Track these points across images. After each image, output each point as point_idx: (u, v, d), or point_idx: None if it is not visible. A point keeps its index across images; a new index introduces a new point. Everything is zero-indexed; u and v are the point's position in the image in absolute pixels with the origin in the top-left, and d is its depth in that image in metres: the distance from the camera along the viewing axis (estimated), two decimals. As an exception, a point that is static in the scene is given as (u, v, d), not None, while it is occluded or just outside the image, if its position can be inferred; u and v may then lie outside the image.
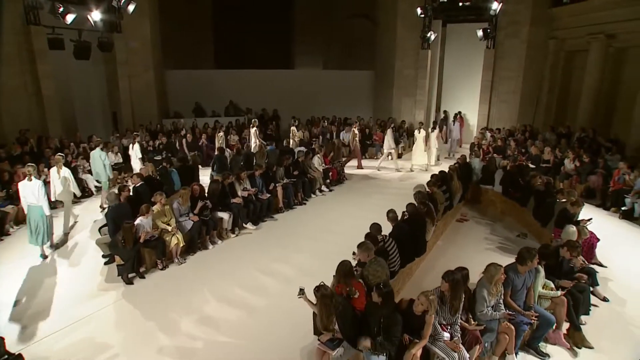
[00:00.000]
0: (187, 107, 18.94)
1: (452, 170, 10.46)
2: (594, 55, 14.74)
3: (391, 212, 7.07)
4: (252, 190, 9.96)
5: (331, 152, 13.75)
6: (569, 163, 12.27)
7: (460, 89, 19.57)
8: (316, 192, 12.12)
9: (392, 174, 14.65)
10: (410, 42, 18.67)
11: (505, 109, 17.88)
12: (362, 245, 5.62)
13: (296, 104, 20.35)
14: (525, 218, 9.76)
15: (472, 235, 9.40)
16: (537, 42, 16.83)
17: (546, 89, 17.14)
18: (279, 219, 10.22)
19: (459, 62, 19.38)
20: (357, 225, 6.99)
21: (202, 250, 8.38)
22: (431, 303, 4.48)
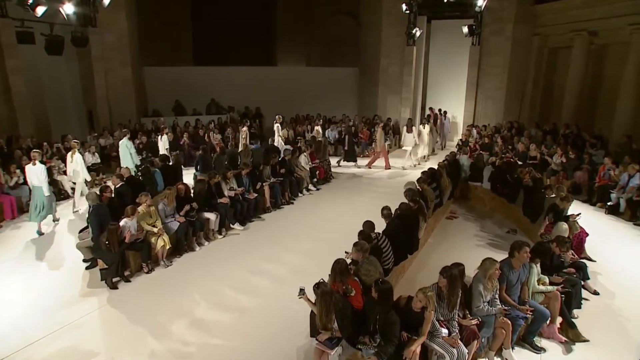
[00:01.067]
0: (166, 105, 18.75)
1: (441, 167, 10.58)
2: (577, 52, 15.12)
3: (385, 209, 7.12)
4: (239, 190, 9.93)
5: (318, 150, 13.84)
6: (558, 158, 12.49)
7: (445, 85, 19.76)
8: (303, 191, 12.15)
9: (380, 172, 14.72)
10: (396, 38, 18.79)
11: (491, 105, 18.14)
12: (357, 244, 5.67)
13: (279, 101, 20.29)
14: (514, 214, 9.90)
15: (462, 232, 9.52)
16: (522, 39, 17.14)
17: (531, 85, 17.46)
18: (266, 219, 10.21)
19: (444, 58, 19.55)
20: (347, 223, 7.04)
21: (189, 252, 8.31)
22: (430, 299, 4.55)
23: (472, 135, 15.74)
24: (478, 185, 11.41)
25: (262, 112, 19.91)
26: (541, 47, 17.02)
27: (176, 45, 21.24)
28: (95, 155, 12.97)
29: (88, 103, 16.93)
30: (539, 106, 17.52)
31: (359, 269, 5.53)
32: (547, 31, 16.63)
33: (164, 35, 20.31)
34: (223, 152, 12.68)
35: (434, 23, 19.69)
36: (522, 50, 17.28)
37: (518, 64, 17.43)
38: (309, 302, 5.14)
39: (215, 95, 19.77)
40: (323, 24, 24.70)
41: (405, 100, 19.16)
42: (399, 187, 9.13)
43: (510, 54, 17.28)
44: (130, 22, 17.21)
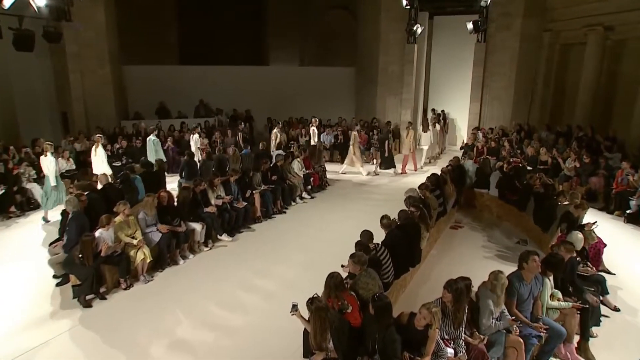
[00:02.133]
0: (149, 108, 18.66)
1: (445, 173, 10.55)
2: (591, 48, 15.15)
3: (385, 219, 7.05)
4: (227, 198, 9.84)
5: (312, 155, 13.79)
6: (571, 163, 12.48)
7: (449, 86, 19.75)
8: (296, 200, 12.11)
9: (379, 179, 14.74)
10: (395, 35, 18.75)
11: (498, 106, 18.14)
12: (353, 256, 5.61)
13: (271, 103, 20.27)
14: (525, 223, 9.88)
15: (468, 243, 9.49)
16: (531, 35, 17.16)
17: (541, 84, 17.49)
18: (256, 229, 10.15)
19: (447, 57, 19.56)
20: (343, 233, 6.99)
21: (172, 266, 8.19)
22: (434, 316, 4.46)
23: (477, 138, 15.70)
24: (485, 192, 11.41)
25: (252, 114, 19.79)
26: (552, 43, 17.06)
27: (160, 43, 21.27)
28: (70, 161, 12.80)
29: (62, 104, 16.79)
30: (550, 107, 17.55)
31: (357, 283, 5.45)
32: (559, 26, 16.66)
33: (147, 32, 20.30)
34: (210, 158, 12.59)
35: (437, 19, 19.72)
36: (531, 47, 17.30)
37: (527, 62, 17.44)
38: (302, 319, 5.05)
39: (202, 96, 19.70)
40: (317, 20, 24.79)
41: (405, 102, 19.13)
42: (398, 195, 9.08)
43: (519, 51, 17.28)
44: (109, 16, 17.09)
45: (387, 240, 6.74)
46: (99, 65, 16.78)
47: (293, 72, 22.36)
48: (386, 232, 6.95)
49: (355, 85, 21.73)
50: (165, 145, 14.86)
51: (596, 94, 15.34)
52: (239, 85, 20.26)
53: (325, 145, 16.79)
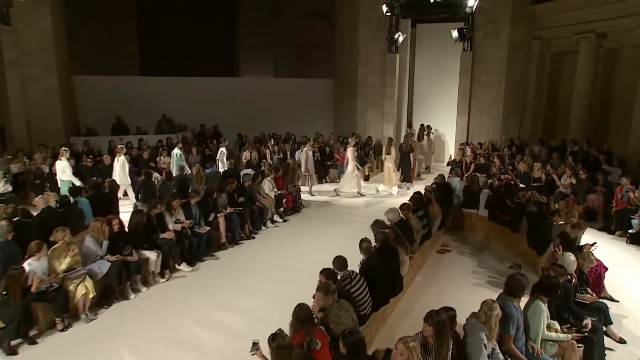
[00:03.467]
0: (104, 123, 18.35)
1: (430, 192, 10.42)
2: (584, 57, 15.38)
3: (365, 242, 6.86)
4: (187, 222, 9.56)
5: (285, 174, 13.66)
6: (566, 179, 12.49)
7: (434, 98, 19.93)
8: (267, 223, 11.92)
9: (358, 199, 14.69)
10: (375, 44, 18.89)
11: (487, 119, 18.30)
12: (320, 288, 5.42)
13: (242, 118, 20.22)
14: (518, 245, 9.80)
15: (456, 268, 9.36)
16: (520, 43, 17.42)
17: (532, 95, 17.72)
18: (221, 257, 9.89)
19: (432, 67, 19.75)
20: (319, 260, 6.76)
21: (121, 301, 7.80)
22: (412, 351, 4.22)
23: (465, 154, 15.73)
24: (474, 212, 11.35)
25: (220, 130, 19.63)
26: (542, 52, 17.31)
27: (119, 52, 21.06)
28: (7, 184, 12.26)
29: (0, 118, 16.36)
30: (542, 120, 17.76)
31: (327, 316, 5.22)
32: (549, 34, 16.92)
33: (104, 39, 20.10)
34: (170, 178, 12.35)
35: (420, 27, 19.94)
36: (520, 56, 17.53)
37: (516, 71, 17.66)
38: (264, 359, 4.76)
39: (164, 111, 19.49)
40: (292, 29, 24.99)
41: (388, 116, 19.19)
42: (378, 216, 8.88)
43: (507, 60, 17.51)
44: (56, 21, 16.81)
45: (364, 267, 6.56)
46: (44, 74, 16.40)
47: (266, 84, 22.35)
48: (366, 257, 6.76)
49: (334, 98, 21.76)
50: None
51: (591, 105, 15.52)
52: (206, 98, 20.16)
53: (299, 163, 16.43)
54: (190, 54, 23.46)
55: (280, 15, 24.88)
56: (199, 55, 23.75)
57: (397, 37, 18.20)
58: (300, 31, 24.91)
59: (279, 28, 25.01)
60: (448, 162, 15.76)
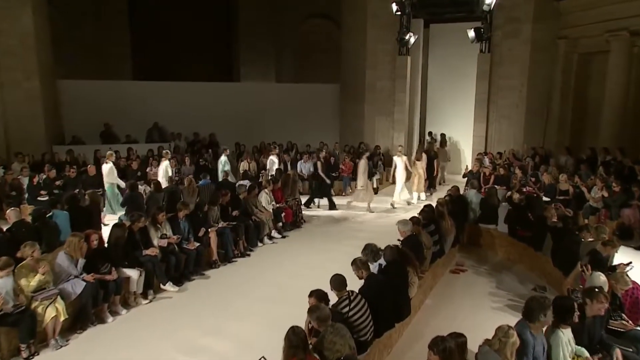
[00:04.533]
0: (92, 131, 18.34)
1: (442, 205, 10.32)
2: (616, 57, 15.20)
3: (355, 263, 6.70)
4: (174, 237, 9.45)
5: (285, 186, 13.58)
6: (597, 192, 12.28)
7: (449, 104, 19.89)
8: (264, 239, 11.85)
9: (364, 214, 14.66)
10: (384, 46, 18.91)
11: (507, 127, 18.15)
12: (312, 310, 5.30)
13: (240, 126, 20.20)
14: (542, 265, 9.63)
15: (472, 290, 9.22)
16: (544, 43, 17.25)
17: (558, 100, 17.48)
18: (212, 276, 9.78)
19: (446, 70, 19.72)
20: (319, 280, 6.63)
21: (97, 325, 7.61)
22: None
23: (483, 165, 15.53)
24: (492, 228, 11.24)
25: (217, 139, 19.65)
26: (569, 52, 17.12)
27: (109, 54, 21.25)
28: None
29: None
30: (569, 127, 17.53)
31: (321, 342, 5.07)
32: (576, 33, 16.73)
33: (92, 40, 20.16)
34: (159, 189, 12.28)
35: (433, 27, 19.98)
36: (544, 57, 17.37)
37: (540, 74, 17.51)
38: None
39: (157, 118, 19.52)
40: (296, 30, 25.11)
41: (398, 123, 19.17)
42: (387, 232, 8.82)
43: (530, 62, 17.37)
44: (39, 21, 16.87)
45: (365, 287, 6.39)
46: (25, 78, 16.45)
47: (267, 90, 22.37)
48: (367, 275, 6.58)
49: (340, 105, 21.74)
50: None
51: (624, 110, 15.28)
52: (202, 105, 20.17)
53: (302, 174, 16.72)
54: (187, 57, 23.58)
55: (282, 16, 25.02)
56: (196, 59, 23.91)
57: (408, 38, 18.19)
58: (304, 33, 25.07)
59: (282, 30, 25.15)
60: (464, 173, 15.58)
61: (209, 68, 24.32)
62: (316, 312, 5.22)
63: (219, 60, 25.74)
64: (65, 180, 13.42)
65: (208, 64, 24.56)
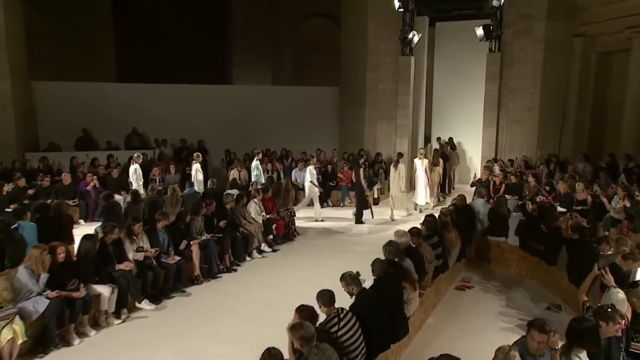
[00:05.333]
0: (69, 136, 18.29)
1: (446, 215, 10.20)
2: (638, 56, 15.14)
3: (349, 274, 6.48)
4: (152, 250, 9.29)
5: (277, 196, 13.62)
6: (618, 202, 12.03)
7: (456, 108, 19.90)
8: (253, 253, 11.77)
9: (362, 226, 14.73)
10: (387, 46, 18.87)
11: (519, 132, 18.03)
12: (295, 329, 5.09)
13: (232, 132, 20.23)
14: (557, 281, 9.49)
15: (479, 308, 9.11)
16: (559, 42, 17.14)
17: (575, 103, 17.38)
18: (193, 293, 9.61)
19: (453, 71, 19.73)
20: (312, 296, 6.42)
21: (62, 348, 7.36)
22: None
23: (493, 173, 15.47)
24: (501, 240, 11.17)
25: (206, 146, 19.62)
26: (586, 51, 17.03)
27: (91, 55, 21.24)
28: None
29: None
30: (587, 132, 17.42)
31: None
32: (594, 30, 16.65)
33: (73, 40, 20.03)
34: (137, 200, 12.16)
35: (439, 25, 20.01)
36: (559, 56, 17.26)
37: (555, 75, 17.39)
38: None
39: (143, 123, 19.48)
40: (294, 31, 25.23)
41: (401, 129, 19.10)
42: None
43: (543, 62, 17.23)
44: (11, 18, 16.84)
45: (356, 304, 6.22)
46: (-6, 78, 16.48)
47: (261, 93, 22.38)
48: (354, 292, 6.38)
49: (339, 109, 21.74)
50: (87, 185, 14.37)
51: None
52: (191, 109, 20.22)
53: (298, 184, 16.77)
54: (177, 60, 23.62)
55: (279, 17, 25.12)
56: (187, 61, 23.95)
57: (412, 37, 18.10)
58: (303, 34, 25.23)
59: (279, 31, 25.24)
60: (472, 182, 15.46)
61: (201, 71, 24.29)
62: (299, 330, 5.01)
63: (212, 63, 25.71)
64: (37, 190, 13.33)
65: (200, 67, 24.52)
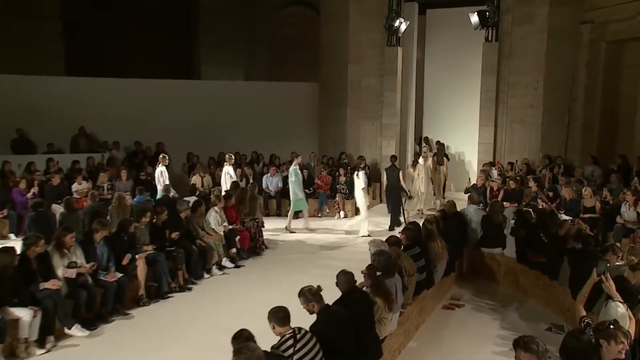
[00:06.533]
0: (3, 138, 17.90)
1: (431, 223, 10.09)
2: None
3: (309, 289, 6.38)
4: (87, 266, 8.94)
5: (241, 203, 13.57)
6: (630, 210, 12.04)
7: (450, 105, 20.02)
8: (212, 270, 11.64)
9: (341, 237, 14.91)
10: (370, 36, 18.95)
11: (520, 132, 18.01)
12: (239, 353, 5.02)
13: (196, 134, 20.02)
14: (559, 298, 9.48)
15: (470, 330, 9.04)
16: (563, 30, 17.05)
17: (582, 99, 17.27)
18: (137, 316, 9.33)
19: (447, 64, 19.90)
20: None
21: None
22: None
23: (491, 178, 15.55)
24: (497, 252, 11.20)
25: (166, 149, 19.21)
26: (595, 39, 16.90)
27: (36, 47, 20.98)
28: None
29: None
30: (596, 131, 17.34)
31: None
32: (604, 15, 16.57)
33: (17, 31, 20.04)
34: (72, 209, 11.91)
35: (430, 13, 20.19)
36: (564, 46, 17.16)
37: (559, 68, 17.29)
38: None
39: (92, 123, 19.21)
40: (269, 22, 25.24)
41: (387, 129, 19.13)
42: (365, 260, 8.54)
43: (547, 53, 17.12)
44: None
45: (318, 323, 6.11)
46: None
47: (231, 89, 22.15)
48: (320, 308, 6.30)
49: (319, 108, 21.67)
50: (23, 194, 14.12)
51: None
52: (149, 107, 20.00)
53: (270, 191, 17.07)
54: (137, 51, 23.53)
55: (252, 6, 25.03)
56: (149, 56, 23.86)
57: (399, 25, 18.09)
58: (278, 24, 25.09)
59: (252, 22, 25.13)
60: (466, 188, 15.44)
61: (165, 66, 24.10)
62: (244, 354, 4.93)
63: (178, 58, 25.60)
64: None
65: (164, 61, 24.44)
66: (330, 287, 6.88)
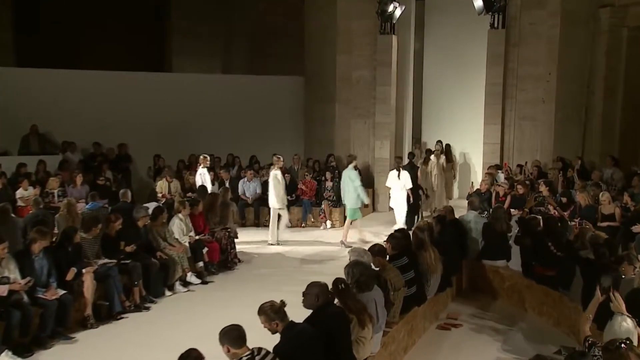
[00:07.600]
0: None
1: (422, 230, 10.04)
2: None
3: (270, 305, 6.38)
4: (21, 282, 8.76)
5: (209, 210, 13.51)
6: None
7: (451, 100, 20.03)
8: (175, 286, 11.53)
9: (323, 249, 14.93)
10: (361, 22, 18.96)
11: (531, 131, 17.98)
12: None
13: (166, 133, 20.04)
14: (570, 316, 9.34)
15: (467, 353, 8.99)
16: (579, 14, 17.13)
17: (601, 93, 17.35)
18: (81, 340, 9.15)
19: (447, 54, 19.91)
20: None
21: None
22: None
23: (497, 182, 15.48)
24: (500, 264, 11.17)
25: (129, 152, 19.42)
26: (615, 26, 17.01)
27: None
28: None
29: None
30: (618, 130, 17.42)
31: None
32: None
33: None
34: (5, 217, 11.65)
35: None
36: (581, 33, 17.24)
37: (575, 58, 17.33)
38: None
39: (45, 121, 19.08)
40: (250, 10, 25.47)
41: (380, 128, 19.10)
42: None
43: (560, 41, 17.09)
44: None
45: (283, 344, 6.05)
46: None
47: (207, 83, 22.24)
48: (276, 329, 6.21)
49: (304, 104, 21.81)
50: None
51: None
52: (110, 103, 19.95)
53: (247, 197, 17.17)
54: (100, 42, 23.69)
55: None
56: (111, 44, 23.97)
57: (393, 11, 18.03)
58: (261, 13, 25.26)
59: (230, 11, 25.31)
60: (469, 193, 15.46)
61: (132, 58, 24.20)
62: None
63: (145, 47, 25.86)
64: None
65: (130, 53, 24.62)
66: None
